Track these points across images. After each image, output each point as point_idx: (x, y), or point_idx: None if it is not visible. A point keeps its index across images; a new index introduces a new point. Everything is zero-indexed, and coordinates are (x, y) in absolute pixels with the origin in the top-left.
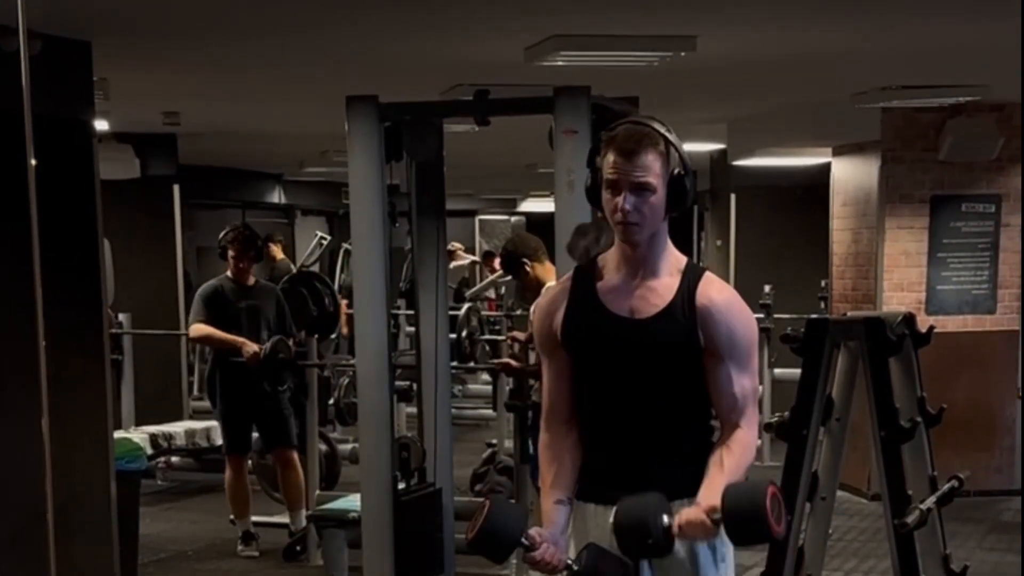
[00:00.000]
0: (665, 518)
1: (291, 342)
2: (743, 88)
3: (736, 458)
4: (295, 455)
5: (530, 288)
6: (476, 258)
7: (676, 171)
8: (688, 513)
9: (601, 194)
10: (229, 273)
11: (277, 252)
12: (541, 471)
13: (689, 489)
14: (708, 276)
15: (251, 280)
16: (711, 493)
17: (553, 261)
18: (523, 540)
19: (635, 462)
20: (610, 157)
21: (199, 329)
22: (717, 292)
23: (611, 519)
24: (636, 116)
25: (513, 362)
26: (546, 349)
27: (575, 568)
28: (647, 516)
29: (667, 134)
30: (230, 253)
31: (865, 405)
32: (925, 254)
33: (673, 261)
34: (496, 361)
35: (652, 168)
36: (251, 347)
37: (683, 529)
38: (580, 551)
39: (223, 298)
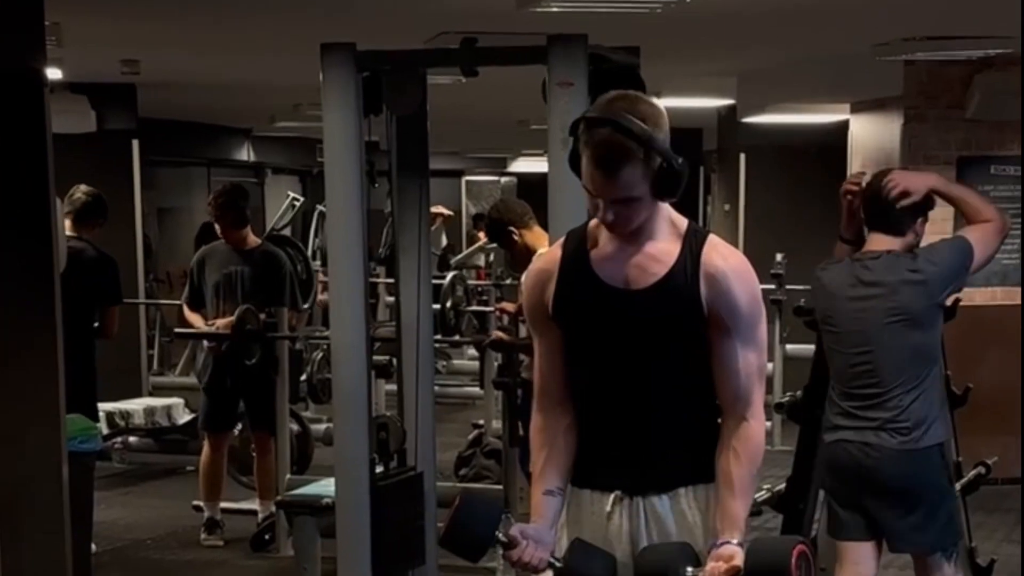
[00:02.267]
0: (690, 570)
1: (293, 314)
2: (754, 38)
3: (747, 468)
4: (274, 442)
5: (520, 257)
6: (449, 212)
7: (660, 165)
8: (713, 570)
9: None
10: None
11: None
12: (532, 456)
13: (693, 475)
14: (713, 240)
15: (249, 244)
16: (728, 523)
17: (545, 226)
18: (499, 537)
19: (635, 445)
20: (587, 165)
21: (185, 314)
22: (723, 257)
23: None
24: (615, 112)
25: (502, 335)
26: (537, 323)
27: (558, 566)
28: (669, 567)
29: (646, 131)
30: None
31: None
32: (950, 220)
33: (673, 225)
34: (487, 334)
35: (632, 183)
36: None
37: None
38: (566, 550)
39: (205, 266)
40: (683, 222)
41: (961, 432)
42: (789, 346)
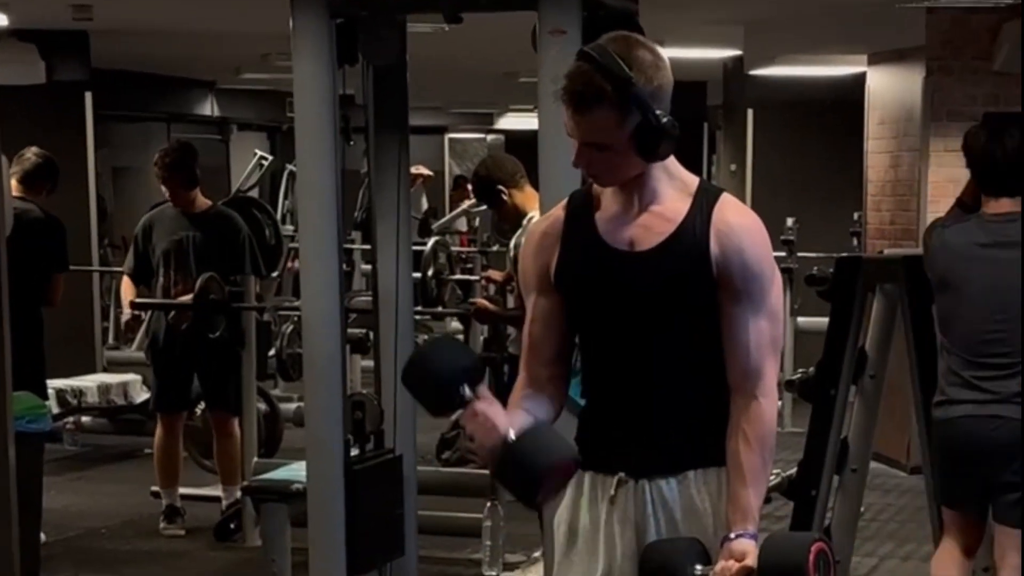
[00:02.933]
0: (699, 568)
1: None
2: None
3: (758, 452)
4: (235, 422)
5: (508, 219)
6: (429, 172)
7: (639, 121)
8: (724, 570)
9: None
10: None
11: None
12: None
13: (702, 457)
14: (726, 198)
15: (200, 207)
16: (740, 514)
17: (536, 186)
18: (463, 390)
19: (639, 423)
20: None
21: (123, 287)
22: (736, 216)
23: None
24: (603, 50)
25: (489, 305)
26: (535, 285)
27: (511, 441)
28: (677, 566)
29: (626, 76)
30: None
31: (904, 360)
32: None
33: (681, 182)
34: (471, 302)
35: (602, 127)
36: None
37: None
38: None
39: (152, 233)
40: (693, 181)
41: None
42: (801, 319)
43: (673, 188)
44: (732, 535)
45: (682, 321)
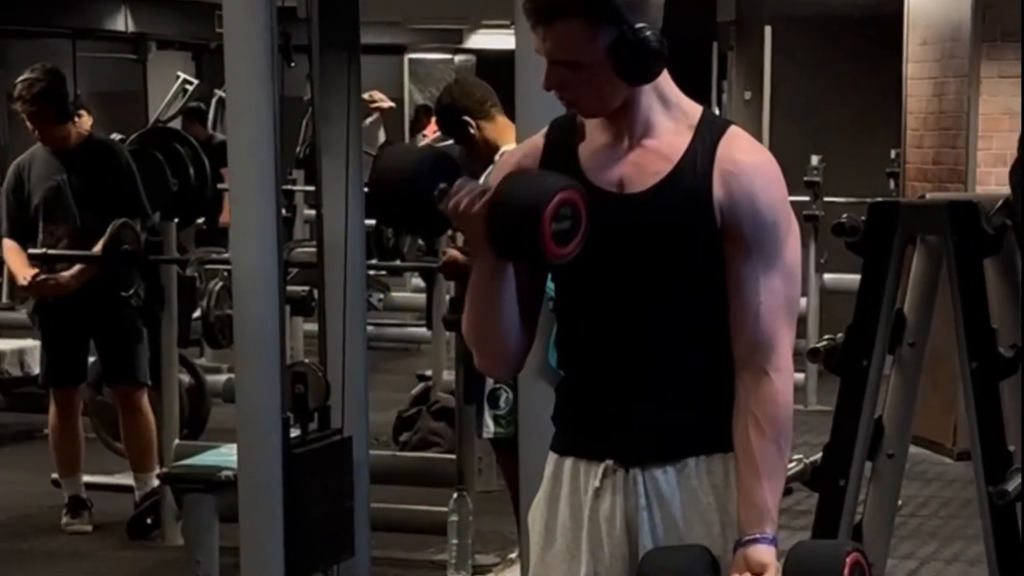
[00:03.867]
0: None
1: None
2: None
3: (772, 438)
4: (143, 395)
5: (479, 156)
6: (389, 103)
7: (615, 35)
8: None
9: None
10: None
11: (84, 125)
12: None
13: (705, 442)
14: (734, 131)
15: (73, 142)
16: (754, 513)
17: (512, 117)
18: (441, 187)
19: (631, 400)
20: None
21: (6, 253)
22: (745, 152)
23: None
24: None
25: (458, 256)
26: None
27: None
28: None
29: None
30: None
31: (949, 325)
32: None
33: (680, 111)
34: (443, 252)
35: (570, 41)
36: (22, 277)
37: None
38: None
39: (25, 183)
40: (695, 111)
41: None
42: (828, 276)
43: (671, 119)
44: (746, 539)
45: (680, 279)
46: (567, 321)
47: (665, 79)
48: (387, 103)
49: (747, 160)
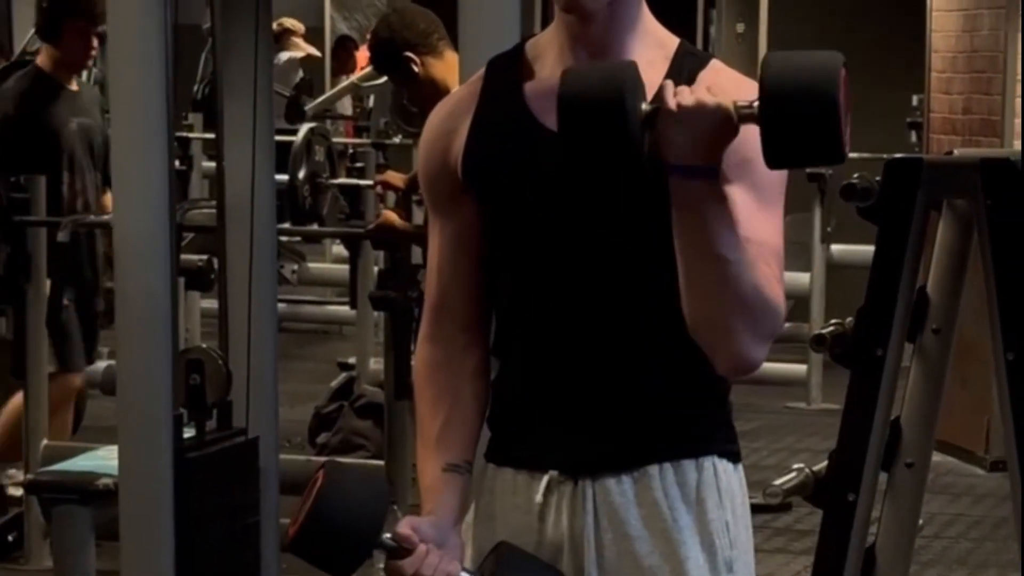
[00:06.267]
0: (644, 105)
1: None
2: None
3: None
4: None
5: (421, 98)
6: (315, 51)
7: None
8: (699, 90)
9: None
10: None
11: None
12: (419, 412)
13: (671, 445)
14: (716, 65)
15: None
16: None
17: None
18: (384, 539)
19: (580, 397)
20: None
21: None
22: (728, 86)
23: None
24: None
25: (395, 220)
26: (438, 199)
27: None
28: (621, 88)
29: None
30: None
31: (981, 308)
32: None
33: (656, 40)
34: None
35: None
36: None
37: (680, 110)
38: (486, 557)
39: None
40: (672, 41)
41: None
42: (835, 247)
43: (645, 47)
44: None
45: (648, 235)
46: (507, 298)
47: (640, 3)
48: (307, 50)
49: (729, 93)
